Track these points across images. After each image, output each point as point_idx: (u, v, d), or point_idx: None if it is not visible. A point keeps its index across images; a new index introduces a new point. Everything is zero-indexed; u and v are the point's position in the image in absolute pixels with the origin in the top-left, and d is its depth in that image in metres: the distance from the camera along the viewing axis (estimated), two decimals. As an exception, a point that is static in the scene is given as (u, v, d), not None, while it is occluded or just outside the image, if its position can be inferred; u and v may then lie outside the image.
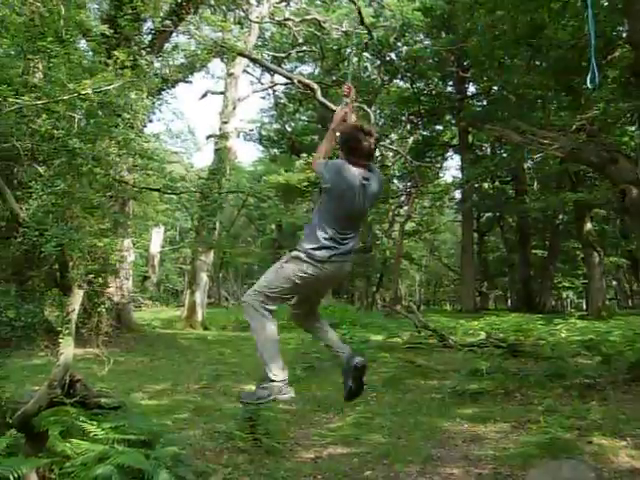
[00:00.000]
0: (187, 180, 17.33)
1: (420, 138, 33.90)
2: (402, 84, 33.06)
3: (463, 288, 32.72)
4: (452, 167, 58.40)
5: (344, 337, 12.27)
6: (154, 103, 14.20)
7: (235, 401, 7.68)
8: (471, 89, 32.83)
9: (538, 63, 19.06)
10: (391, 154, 29.34)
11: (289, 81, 23.36)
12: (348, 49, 24.27)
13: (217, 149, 21.71)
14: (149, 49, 14.44)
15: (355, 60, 23.52)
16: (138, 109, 9.35)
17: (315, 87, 17.92)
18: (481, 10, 18.27)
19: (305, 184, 29.51)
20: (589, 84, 5.31)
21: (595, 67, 5.25)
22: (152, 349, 14.08)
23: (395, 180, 38.35)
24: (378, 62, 30.80)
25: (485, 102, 30.96)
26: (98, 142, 7.11)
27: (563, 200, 22.87)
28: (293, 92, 31.74)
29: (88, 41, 11.96)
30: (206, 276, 21.47)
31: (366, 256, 35.61)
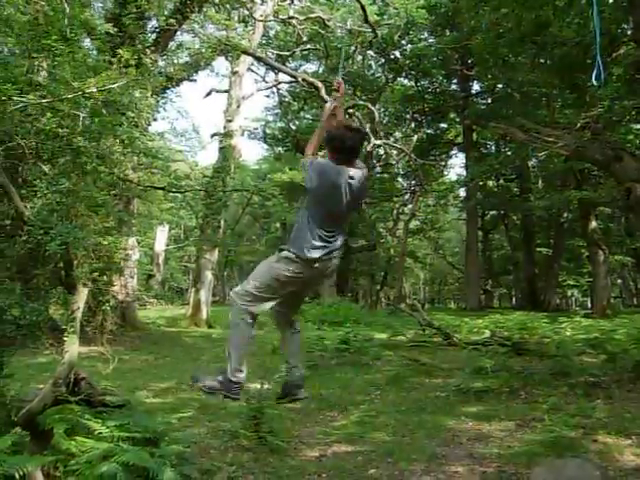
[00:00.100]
0: (192, 178, 17.33)
1: (424, 136, 33.92)
2: (406, 82, 33.13)
3: (467, 286, 32.71)
4: (456, 165, 58.46)
5: (348, 336, 12.28)
6: (158, 101, 14.21)
7: (240, 399, 7.68)
8: (475, 87, 32.87)
9: (543, 61, 18.99)
10: (395, 152, 29.34)
11: (293, 79, 23.38)
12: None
13: (221, 147, 21.70)
14: (153, 47, 14.47)
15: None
16: (142, 108, 9.35)
17: (319, 85, 17.91)
18: (485, 8, 18.22)
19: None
20: (594, 81, 5.28)
21: (600, 64, 5.22)
22: (157, 347, 14.11)
23: (399, 178, 38.42)
24: (382, 60, 30.83)
25: (489, 100, 30.95)
26: (102, 140, 7.12)
27: (568, 198, 22.85)
28: (297, 90, 31.72)
29: (92, 40, 11.98)
30: (211, 274, 21.48)
31: (370, 254, 35.64)
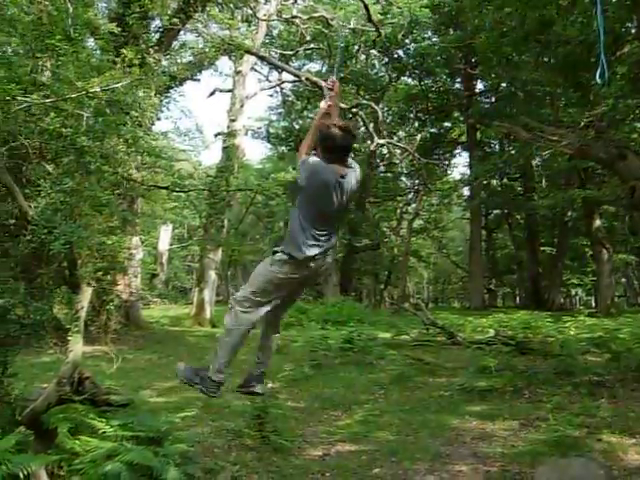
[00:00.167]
0: (195, 178, 17.37)
1: (428, 135, 33.91)
2: (410, 81, 33.08)
3: (471, 285, 32.64)
4: (460, 164, 58.30)
5: (352, 335, 12.31)
6: (162, 101, 14.24)
7: (244, 399, 7.68)
8: (479, 86, 32.77)
9: (546, 59, 18.98)
10: (399, 151, 29.27)
11: (297, 79, 23.35)
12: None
13: (225, 147, 21.71)
14: (157, 47, 14.50)
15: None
16: (146, 107, 9.37)
17: (323, 84, 17.90)
18: (489, 7, 18.20)
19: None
20: (598, 80, 5.26)
21: (604, 63, 5.21)
22: (160, 346, 14.12)
23: (403, 177, 38.38)
24: (386, 59, 30.79)
25: (493, 99, 30.94)
26: (106, 140, 7.12)
27: (572, 197, 22.78)
28: (301, 90, 31.70)
29: (96, 39, 11.98)
30: (214, 274, 21.49)
31: (374, 253, 35.60)
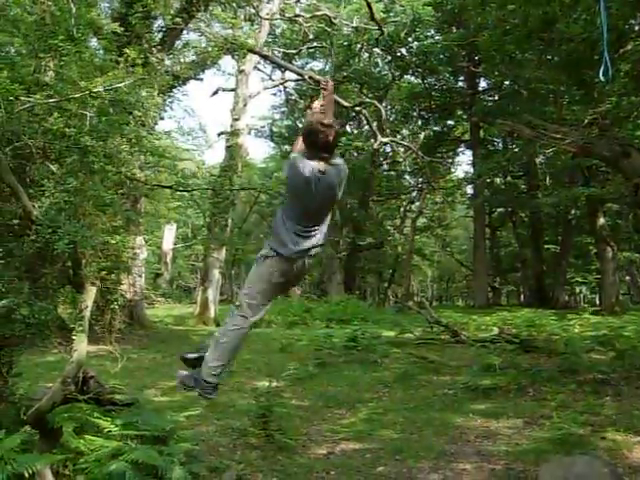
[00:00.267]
0: (199, 177, 17.37)
1: (431, 133, 33.87)
2: (413, 79, 33.05)
3: (475, 284, 32.62)
4: (464, 162, 58.25)
5: (356, 333, 12.34)
6: (165, 100, 14.25)
7: (248, 397, 7.70)
8: (482, 84, 32.68)
9: (550, 57, 18.91)
10: (402, 150, 29.25)
11: (300, 77, 23.34)
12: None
13: (228, 146, 21.72)
14: (160, 47, 14.50)
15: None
16: (149, 107, 9.36)
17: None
18: (492, 4, 18.17)
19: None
20: (602, 77, 5.26)
21: (608, 60, 5.20)
22: (165, 346, 14.13)
23: (406, 176, 38.38)
24: (389, 57, 30.78)
25: (497, 97, 30.82)
26: (110, 140, 7.11)
27: (576, 195, 22.72)
28: (304, 88, 31.67)
29: (99, 39, 11.99)
30: (218, 273, 21.50)
31: (378, 252, 35.61)
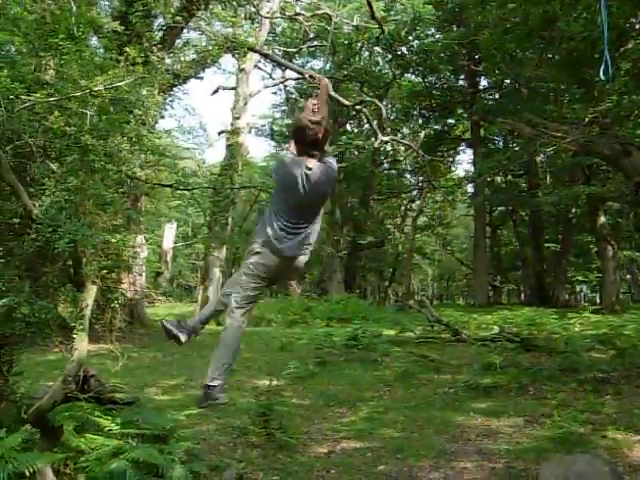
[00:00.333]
0: (199, 176, 17.38)
1: (432, 132, 33.84)
2: (414, 78, 33.03)
3: (476, 282, 32.60)
4: (464, 161, 58.32)
5: (356, 332, 12.34)
6: (166, 99, 14.25)
7: (249, 396, 7.71)
8: (483, 82, 32.69)
9: (550, 56, 18.93)
10: (403, 148, 29.27)
11: (300, 76, 23.33)
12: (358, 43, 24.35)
13: (229, 145, 21.72)
14: (160, 45, 14.49)
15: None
16: (150, 105, 9.37)
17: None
18: (492, 3, 18.20)
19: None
20: (602, 76, 5.26)
21: (608, 59, 5.20)
22: (165, 344, 14.05)
23: (407, 174, 38.39)
24: (389, 56, 30.76)
25: (497, 95, 30.84)
26: (110, 138, 7.11)
27: (576, 193, 22.70)
28: (304, 87, 31.67)
29: (100, 38, 12.01)
30: (219, 272, 21.48)
31: (378, 251, 35.60)
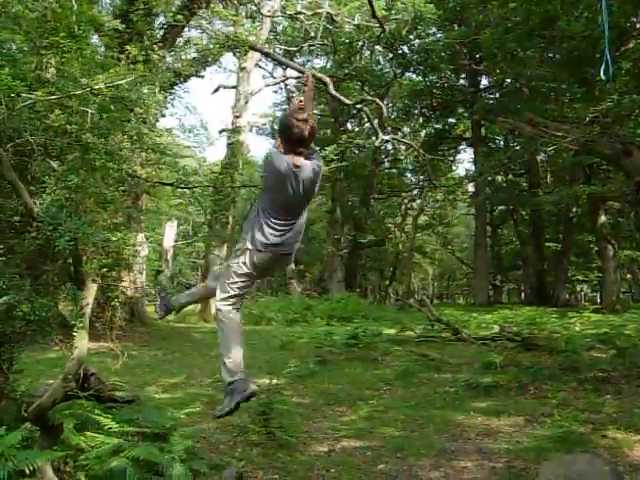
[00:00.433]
0: (200, 174, 17.31)
1: (433, 131, 33.85)
2: (414, 77, 33.02)
3: (476, 281, 32.61)
4: (465, 160, 58.43)
5: (356, 331, 12.34)
6: (166, 98, 14.21)
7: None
8: (484, 82, 32.71)
9: (551, 55, 18.94)
10: (403, 147, 29.27)
11: (301, 75, 23.32)
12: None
13: (230, 143, 21.69)
14: (161, 44, 14.45)
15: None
16: (150, 104, 9.35)
17: (327, 81, 17.80)
18: (493, 2, 18.20)
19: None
20: (603, 75, 5.26)
21: (609, 58, 5.20)
22: (166, 343, 14.14)
23: (408, 174, 38.40)
24: (390, 55, 30.74)
25: (498, 95, 30.80)
26: (111, 137, 7.10)
27: (577, 193, 22.68)
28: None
29: (101, 36, 11.99)
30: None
31: (379, 250, 35.62)
